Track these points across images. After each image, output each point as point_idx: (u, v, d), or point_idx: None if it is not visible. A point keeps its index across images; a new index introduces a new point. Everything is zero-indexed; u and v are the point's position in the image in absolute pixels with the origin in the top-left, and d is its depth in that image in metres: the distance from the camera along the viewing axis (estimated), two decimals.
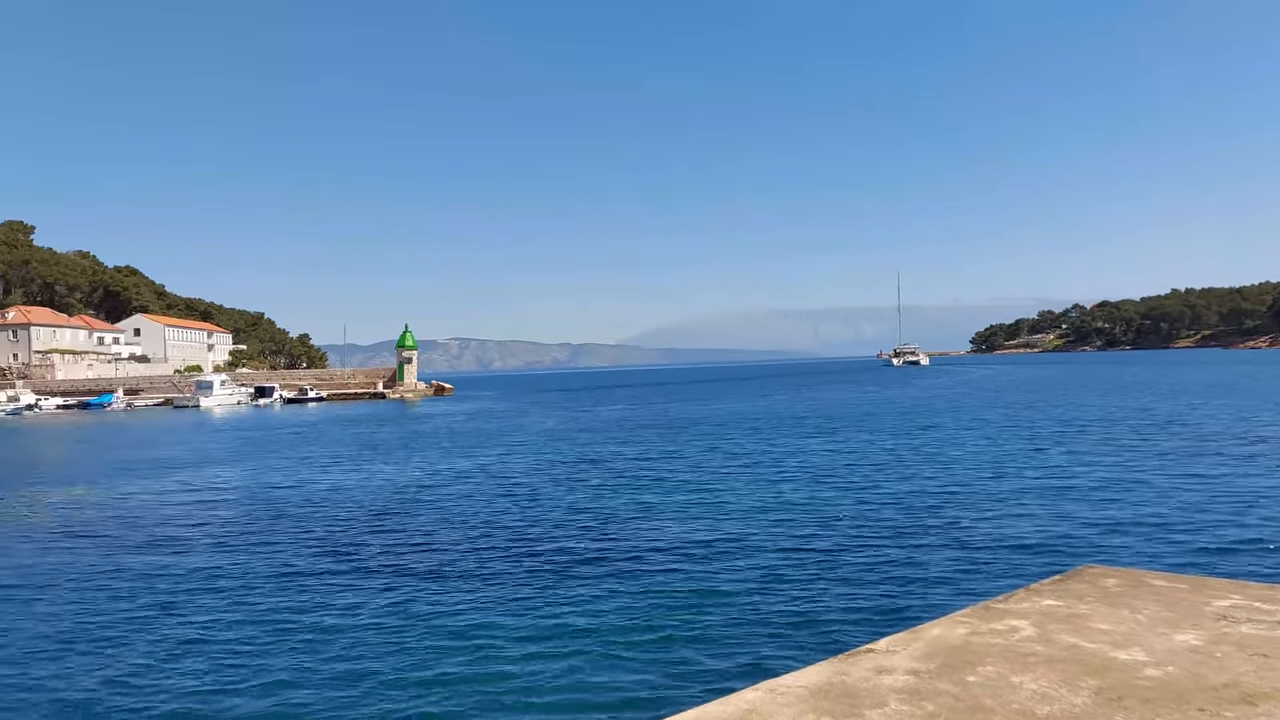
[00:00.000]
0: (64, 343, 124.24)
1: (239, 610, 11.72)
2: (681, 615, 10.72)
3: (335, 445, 40.07)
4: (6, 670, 9.58)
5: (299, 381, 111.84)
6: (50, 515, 21.31)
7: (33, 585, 13.73)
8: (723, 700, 2.78)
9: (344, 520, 18.90)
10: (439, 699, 8.21)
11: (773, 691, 2.83)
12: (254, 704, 8.30)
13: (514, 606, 11.31)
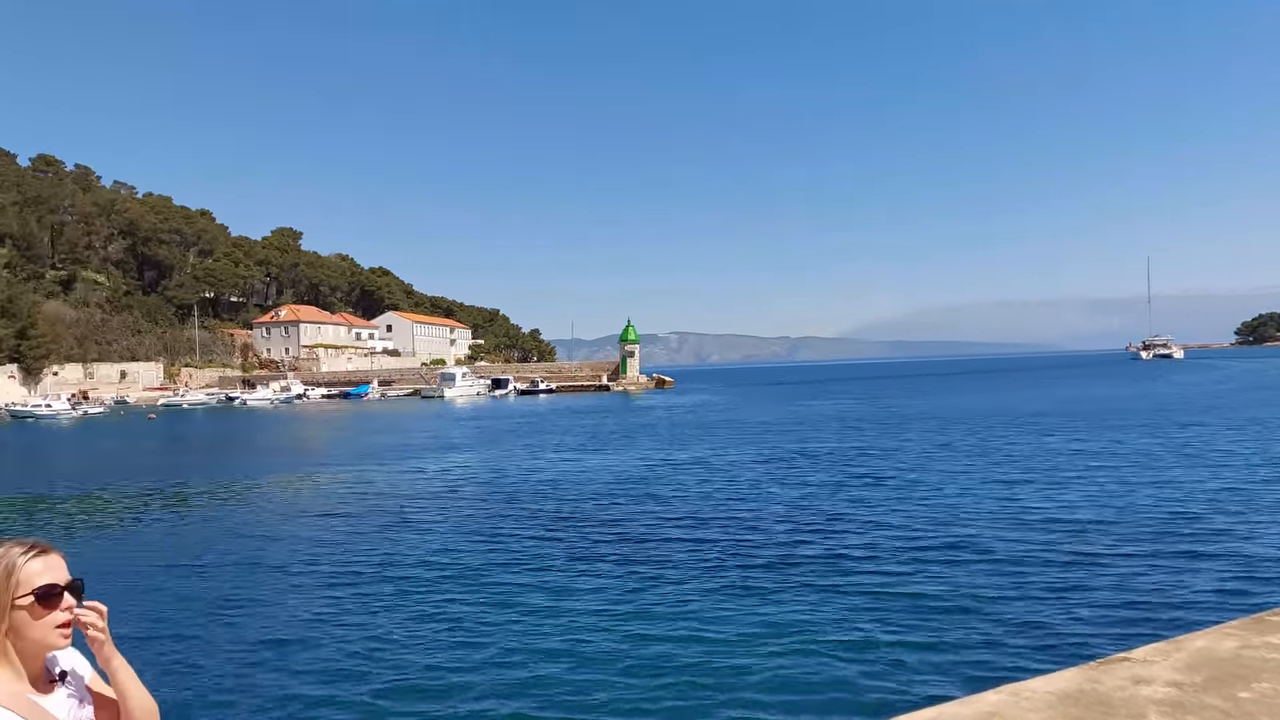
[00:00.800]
0: (327, 338, 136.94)
1: (471, 590, 12.48)
2: (908, 617, 10.41)
3: (564, 434, 41.83)
4: (274, 634, 10.72)
5: (531, 374, 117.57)
6: (312, 494, 23.61)
7: (297, 560, 15.24)
8: (963, 701, 2.72)
9: (570, 507, 19.70)
10: (659, 692, 8.38)
11: (1016, 695, 2.73)
12: (483, 680, 8.83)
13: (732, 602, 11.37)
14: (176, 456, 38.46)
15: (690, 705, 7.87)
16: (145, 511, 21.33)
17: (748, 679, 8.47)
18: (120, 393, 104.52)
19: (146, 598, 12.56)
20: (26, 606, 2.01)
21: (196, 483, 26.74)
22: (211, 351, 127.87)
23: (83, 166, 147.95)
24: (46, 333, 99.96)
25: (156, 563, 15.09)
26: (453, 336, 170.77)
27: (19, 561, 2.03)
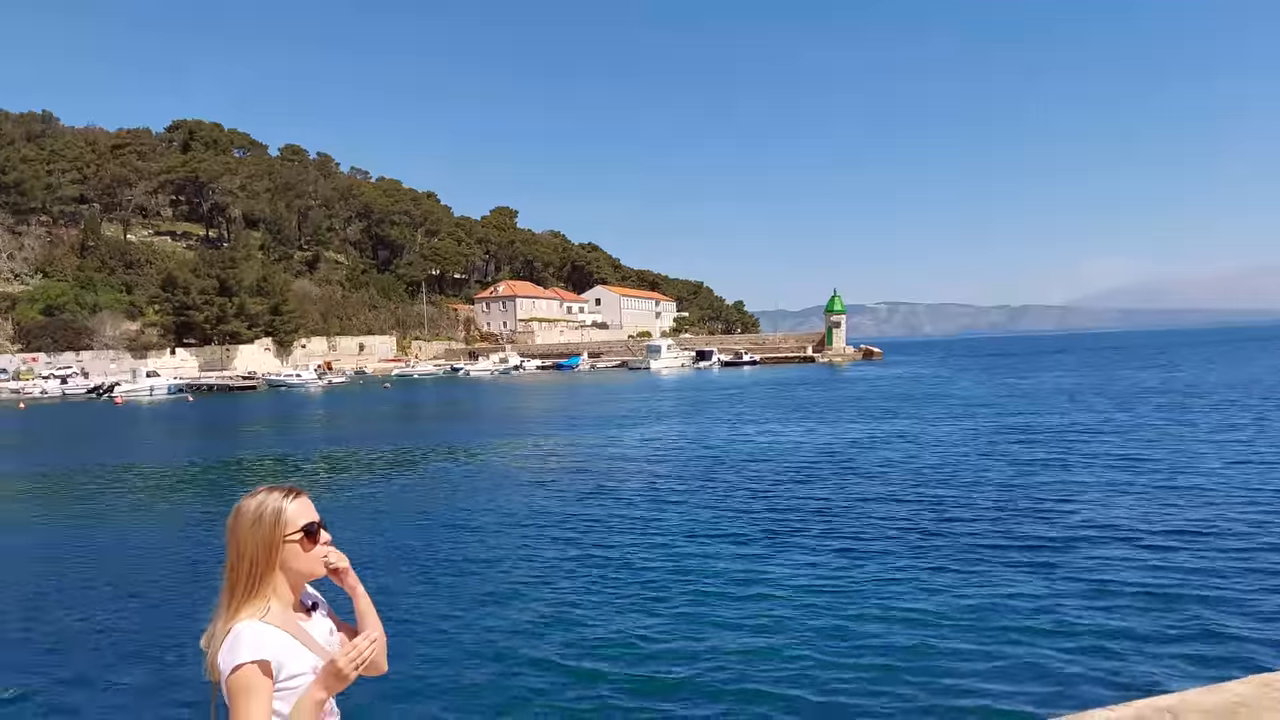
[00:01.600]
0: (541, 312, 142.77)
1: (666, 558, 12.69)
2: (1131, 604, 9.69)
3: (766, 406, 41.67)
4: (474, 591, 11.35)
5: (735, 346, 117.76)
6: (524, 459, 24.75)
7: (505, 522, 16.04)
8: (1208, 689, 2.51)
9: (770, 478, 19.62)
10: (862, 672, 8.25)
11: (1267, 686, 2.49)
12: (680, 648, 8.98)
13: (935, 581, 10.98)
14: (409, 422, 41.40)
15: (893, 688, 7.69)
16: (378, 471, 23.13)
17: (948, 662, 8.17)
18: (359, 364, 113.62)
19: (366, 549, 13.64)
20: (296, 541, 2.27)
21: (425, 446, 28.69)
22: (438, 325, 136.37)
23: (323, 154, 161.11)
24: (296, 309, 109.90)
25: (381, 518, 16.34)
26: (658, 309, 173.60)
27: (284, 504, 2.28)
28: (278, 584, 2.27)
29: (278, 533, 2.26)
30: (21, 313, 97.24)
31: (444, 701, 7.61)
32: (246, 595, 2.23)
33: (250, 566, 2.23)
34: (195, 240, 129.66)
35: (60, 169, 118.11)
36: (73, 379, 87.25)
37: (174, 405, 63.38)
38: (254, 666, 2.11)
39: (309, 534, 2.29)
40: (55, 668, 8.81)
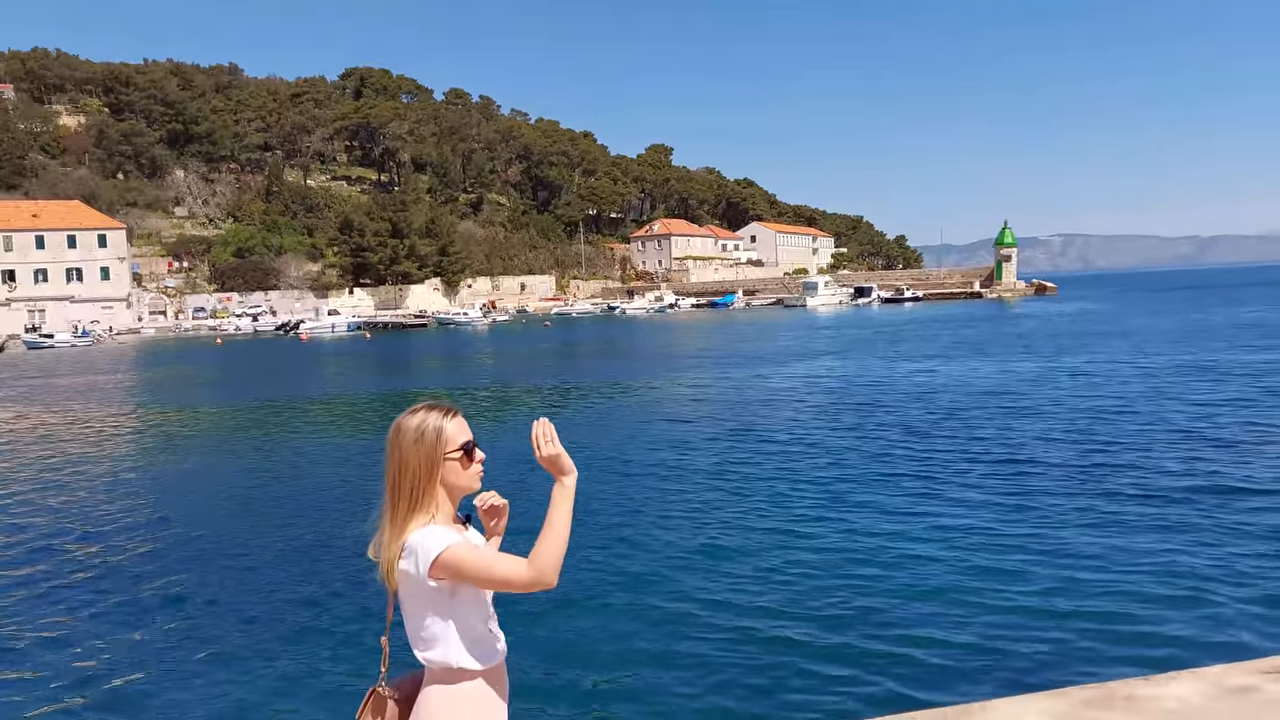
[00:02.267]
0: (695, 250, 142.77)
1: (816, 497, 12.88)
2: None
3: (928, 343, 40.67)
4: (614, 525, 11.89)
5: (895, 282, 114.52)
6: (676, 395, 25.27)
7: (652, 458, 16.56)
8: None
9: (927, 418, 19.33)
10: (1027, 618, 8.27)
11: None
12: (832, 586, 9.23)
13: (1105, 531, 10.75)
14: (568, 360, 42.82)
15: (1060, 634, 7.71)
16: (539, 406, 24.22)
17: (1120, 605, 8.08)
18: (520, 302, 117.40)
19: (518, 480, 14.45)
20: (456, 459, 2.44)
21: (583, 382, 29.73)
22: (594, 265, 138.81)
23: (485, 98, 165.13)
24: (461, 250, 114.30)
25: None
26: (815, 245, 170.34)
27: (444, 423, 2.43)
28: (439, 498, 2.42)
29: (439, 450, 2.39)
30: (216, 255, 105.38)
31: (593, 634, 8.19)
32: (410, 509, 2.36)
33: (414, 481, 2.35)
34: (368, 184, 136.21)
35: (246, 118, 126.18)
36: (262, 317, 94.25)
37: (353, 342, 67.64)
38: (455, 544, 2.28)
39: (467, 452, 2.45)
40: (248, 574, 9.97)
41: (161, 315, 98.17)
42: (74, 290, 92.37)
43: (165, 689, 6.98)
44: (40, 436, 22.12)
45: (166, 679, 7.17)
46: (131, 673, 7.35)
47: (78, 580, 10.03)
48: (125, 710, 6.66)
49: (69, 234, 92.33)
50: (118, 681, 7.18)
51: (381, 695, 2.44)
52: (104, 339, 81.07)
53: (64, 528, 12.48)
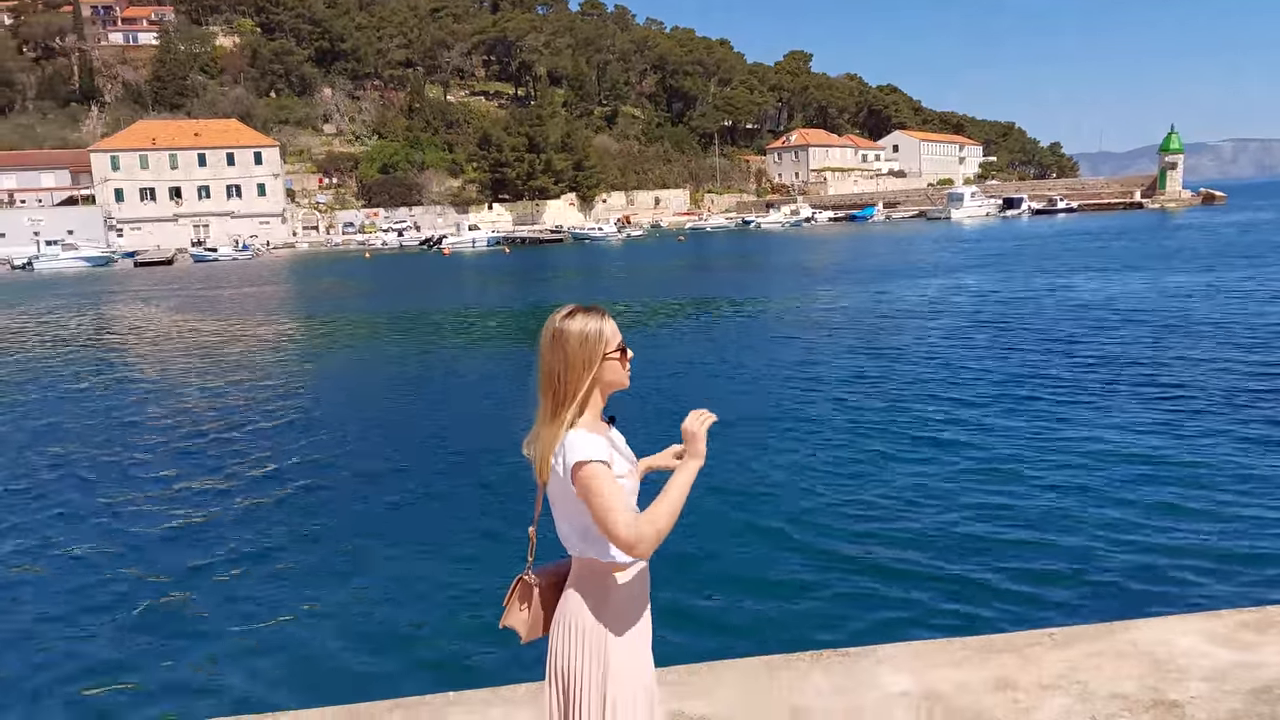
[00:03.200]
0: (834, 161, 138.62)
1: (954, 418, 12.61)
2: None
3: (1082, 257, 38.60)
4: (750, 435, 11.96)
5: (1048, 192, 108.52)
6: (805, 312, 24.97)
7: (778, 377, 16.49)
8: None
9: (1069, 337, 18.51)
10: (1179, 539, 8.03)
11: None
12: (964, 505, 9.11)
13: (1257, 454, 10.19)
14: (701, 273, 42.79)
15: (1204, 560, 7.47)
16: (675, 320, 24.43)
17: (1265, 540, 7.74)
18: (654, 217, 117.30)
19: (650, 391, 14.71)
20: (616, 358, 2.53)
21: (716, 298, 29.74)
22: (729, 178, 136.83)
23: (620, 7, 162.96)
24: (596, 164, 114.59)
25: (674, 362, 17.44)
26: (961, 154, 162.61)
27: (603, 325, 2.51)
28: (594, 396, 2.52)
29: (600, 348, 2.49)
30: (363, 171, 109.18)
31: (712, 546, 8.39)
32: (567, 405, 2.45)
33: (576, 379, 2.45)
34: (505, 99, 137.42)
35: (388, 34, 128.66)
36: (407, 232, 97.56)
37: (493, 256, 69.38)
38: (596, 465, 2.37)
39: (622, 351, 2.54)
40: (398, 475, 10.60)
41: (314, 230, 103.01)
42: (234, 206, 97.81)
43: (320, 583, 7.61)
44: (201, 342, 23.83)
45: (319, 573, 7.80)
46: (283, 562, 8.03)
47: (220, 482, 10.91)
48: (285, 596, 7.31)
49: (228, 152, 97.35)
50: (274, 575, 7.87)
51: (528, 583, 2.57)
52: (262, 253, 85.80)
53: (215, 429, 13.52)
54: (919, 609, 6.36)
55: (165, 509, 9.63)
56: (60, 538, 8.82)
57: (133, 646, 6.46)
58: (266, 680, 5.90)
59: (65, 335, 27.09)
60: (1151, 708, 3.52)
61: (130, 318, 32.15)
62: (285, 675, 5.96)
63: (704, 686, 3.90)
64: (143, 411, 15.04)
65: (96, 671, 6.12)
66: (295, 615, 6.84)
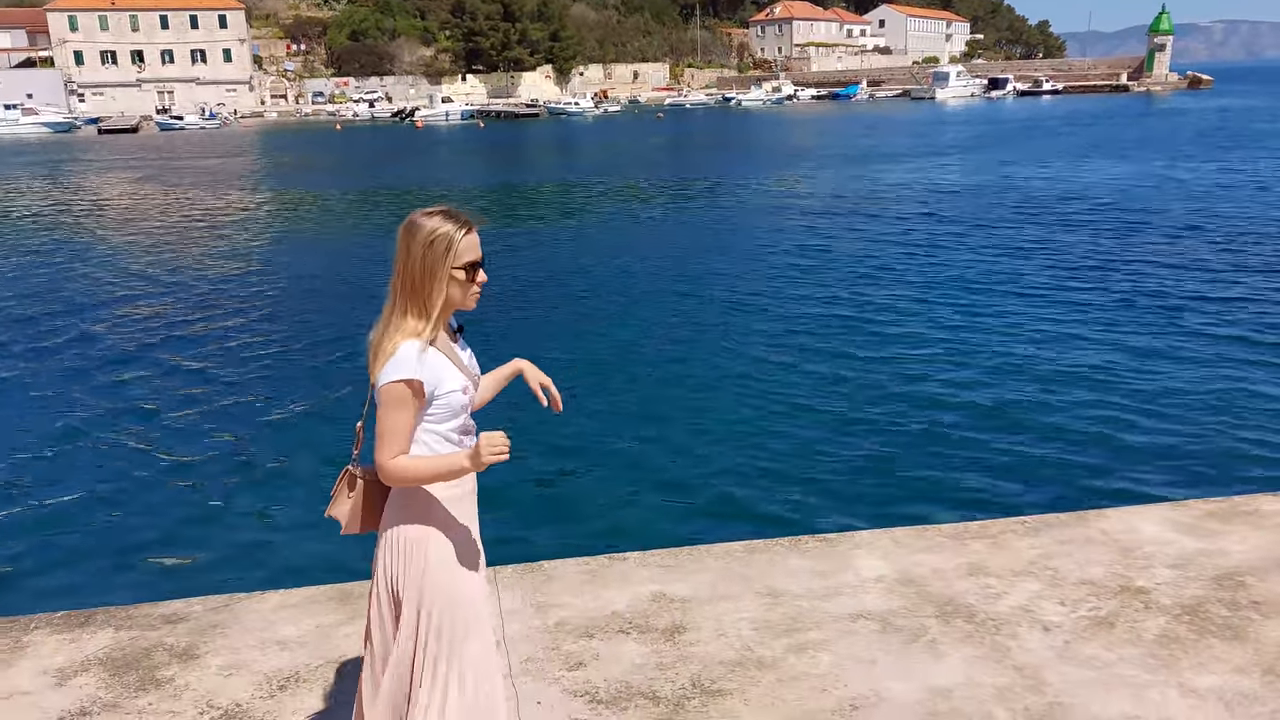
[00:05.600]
0: (819, 35, 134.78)
1: (931, 303, 12.66)
2: None
3: (1064, 141, 38.24)
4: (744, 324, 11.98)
5: (1034, 73, 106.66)
6: (783, 198, 24.72)
7: (756, 267, 16.42)
8: None
9: (1054, 224, 18.52)
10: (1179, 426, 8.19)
11: None
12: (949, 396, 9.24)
13: (1233, 350, 10.34)
14: (678, 153, 42.04)
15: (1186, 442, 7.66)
16: (653, 203, 24.11)
17: (1233, 435, 7.92)
18: (632, 92, 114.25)
19: (607, 276, 14.63)
20: (461, 277, 2.35)
21: (696, 179, 29.31)
22: (710, 52, 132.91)
23: None
24: (574, 35, 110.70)
25: (655, 249, 17.29)
26: (948, 31, 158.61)
27: (456, 235, 2.33)
28: (436, 307, 2.34)
29: (447, 261, 2.32)
30: (332, 38, 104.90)
31: (704, 424, 8.48)
32: (405, 310, 2.33)
33: (415, 284, 2.31)
34: None
35: None
36: (378, 103, 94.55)
37: (466, 130, 67.61)
38: (404, 385, 2.27)
39: (470, 270, 2.36)
40: None
41: (282, 99, 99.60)
42: (199, 72, 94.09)
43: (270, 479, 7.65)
44: (166, 215, 23.30)
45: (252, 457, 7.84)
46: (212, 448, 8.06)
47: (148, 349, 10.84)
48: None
49: (191, 14, 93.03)
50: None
51: (353, 474, 2.51)
52: (229, 122, 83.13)
53: (169, 311, 13.37)
54: (896, 499, 6.52)
55: (109, 390, 9.59)
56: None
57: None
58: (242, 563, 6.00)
59: (30, 207, 26.37)
60: (1119, 593, 3.65)
61: (96, 188, 31.27)
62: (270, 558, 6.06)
63: (686, 569, 4.00)
64: (97, 286, 14.82)
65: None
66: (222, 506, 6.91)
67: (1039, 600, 3.63)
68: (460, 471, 2.34)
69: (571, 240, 18.54)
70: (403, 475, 2.33)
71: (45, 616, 3.77)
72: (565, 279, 14.63)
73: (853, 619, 3.55)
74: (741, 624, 3.55)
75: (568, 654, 3.38)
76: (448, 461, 2.35)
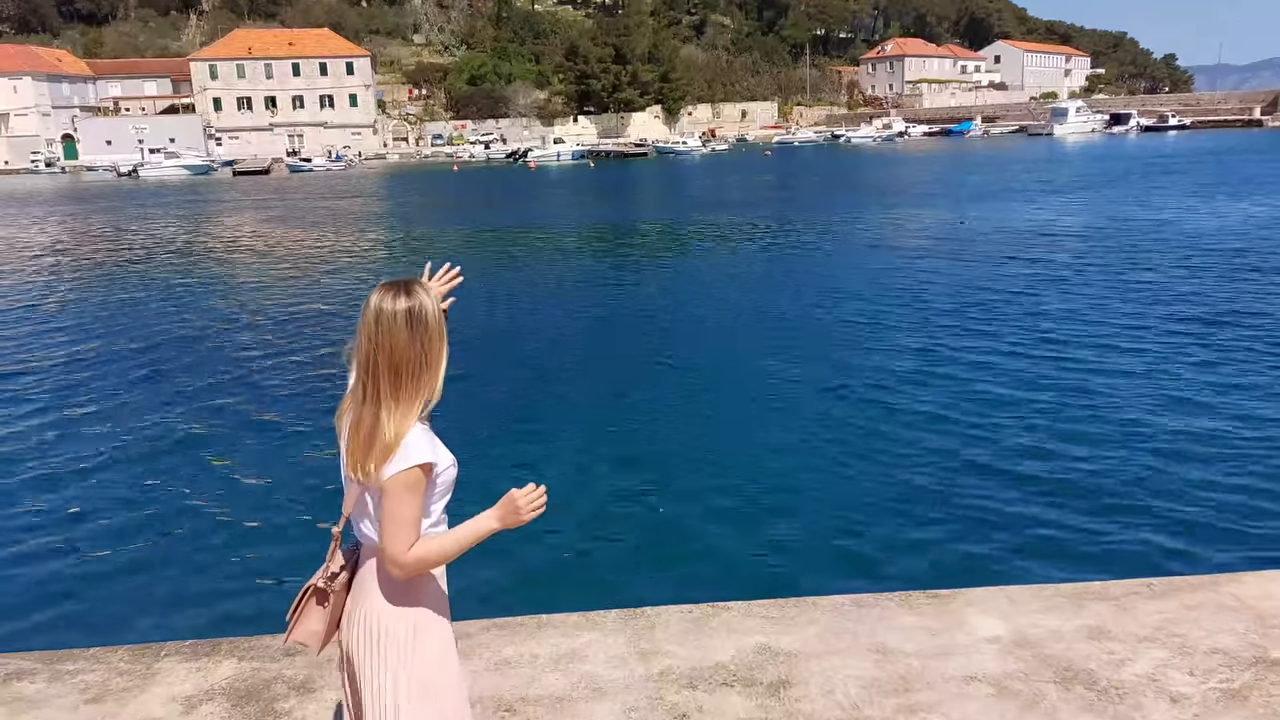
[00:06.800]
0: (931, 72, 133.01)
1: (1052, 356, 12.21)
2: None
3: (1194, 179, 36.59)
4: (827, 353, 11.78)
5: (1159, 108, 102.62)
6: (887, 232, 24.30)
7: (866, 295, 16.14)
8: None
9: (1185, 267, 17.70)
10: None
11: None
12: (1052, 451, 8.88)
13: None
14: (783, 191, 41.92)
15: None
16: (753, 239, 24.08)
17: None
18: (740, 130, 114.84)
19: (704, 311, 14.58)
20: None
21: (799, 216, 29.15)
22: (819, 90, 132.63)
23: None
24: (683, 76, 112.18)
25: (748, 283, 17.23)
26: (1067, 66, 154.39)
27: (433, 300, 2.28)
28: (440, 382, 2.27)
29: (444, 327, 2.28)
30: (451, 83, 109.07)
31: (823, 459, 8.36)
32: (403, 399, 2.19)
33: (418, 370, 2.20)
34: (594, 8, 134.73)
35: None
36: (493, 144, 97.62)
37: (577, 170, 69.06)
38: (419, 471, 2.16)
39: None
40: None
41: (403, 142, 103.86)
42: (327, 116, 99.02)
43: None
44: (291, 254, 24.44)
45: None
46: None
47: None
48: None
49: (321, 61, 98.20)
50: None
51: (321, 588, 2.34)
52: (354, 164, 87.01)
53: (279, 342, 13.92)
54: (1011, 553, 6.29)
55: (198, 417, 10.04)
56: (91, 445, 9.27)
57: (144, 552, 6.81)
58: None
59: (167, 240, 28.09)
60: (1254, 665, 3.45)
61: (229, 226, 33.11)
62: None
63: (792, 621, 3.95)
64: (216, 318, 15.61)
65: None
66: None
67: (1166, 669, 3.45)
68: (485, 534, 2.22)
69: (671, 275, 18.68)
70: (424, 562, 2.19)
71: (175, 645, 3.98)
72: (663, 315, 14.72)
73: (966, 681, 3.45)
74: (850, 681, 3.48)
75: (671, 705, 3.38)
76: (472, 529, 2.22)
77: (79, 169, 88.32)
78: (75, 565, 6.67)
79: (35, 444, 9.28)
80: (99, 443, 9.24)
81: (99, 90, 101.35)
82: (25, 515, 7.56)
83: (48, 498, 7.89)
